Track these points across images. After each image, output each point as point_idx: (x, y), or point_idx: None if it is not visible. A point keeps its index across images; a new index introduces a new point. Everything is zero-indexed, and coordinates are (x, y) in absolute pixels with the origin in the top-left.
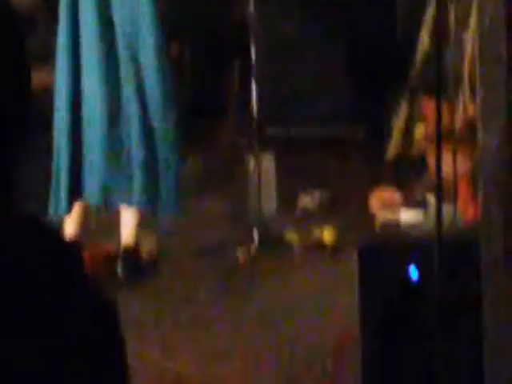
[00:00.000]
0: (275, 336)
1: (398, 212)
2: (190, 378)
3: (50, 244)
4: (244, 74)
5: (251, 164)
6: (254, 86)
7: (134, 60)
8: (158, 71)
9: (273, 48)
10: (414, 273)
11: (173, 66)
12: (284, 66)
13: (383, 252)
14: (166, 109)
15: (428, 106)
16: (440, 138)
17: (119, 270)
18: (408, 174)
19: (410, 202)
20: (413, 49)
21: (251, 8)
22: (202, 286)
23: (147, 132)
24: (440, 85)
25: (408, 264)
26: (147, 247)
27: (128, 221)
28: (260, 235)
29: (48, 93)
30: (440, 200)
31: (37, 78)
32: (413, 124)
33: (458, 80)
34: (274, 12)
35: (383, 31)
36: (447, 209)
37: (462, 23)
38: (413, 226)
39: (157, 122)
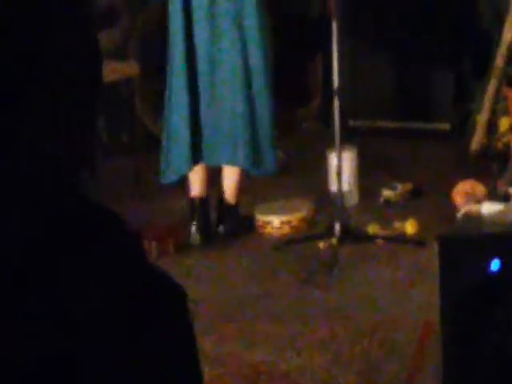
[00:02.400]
0: (356, 327)
1: (481, 205)
2: (269, 370)
3: (107, 225)
4: (327, 66)
5: (334, 156)
6: (336, 78)
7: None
8: (259, 32)
9: (356, 42)
10: (495, 265)
11: None
12: (366, 60)
13: (464, 243)
14: (264, 71)
15: None
16: None
17: (221, 227)
18: (492, 167)
19: (493, 195)
20: (497, 41)
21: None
22: (281, 276)
23: (248, 95)
24: None
25: (489, 256)
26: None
27: (230, 179)
28: (342, 227)
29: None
30: None
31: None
32: (497, 117)
33: None
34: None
35: (467, 24)
36: None
37: None
38: (495, 219)
39: (256, 84)
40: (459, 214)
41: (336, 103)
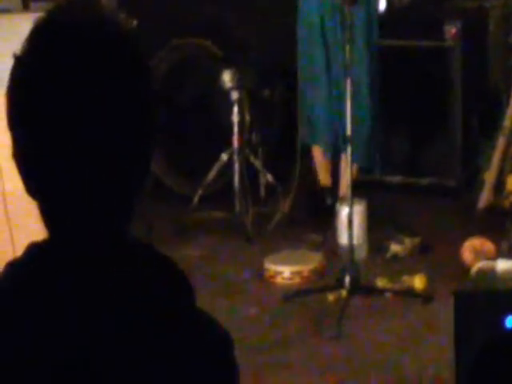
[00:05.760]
0: (364, 380)
1: (495, 261)
2: None
3: (163, 272)
4: None
5: (343, 210)
6: (349, 125)
7: None
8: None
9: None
10: (510, 321)
11: (265, 106)
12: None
13: (480, 299)
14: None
15: None
16: None
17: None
18: (499, 225)
19: (503, 252)
20: (506, 99)
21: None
22: (291, 327)
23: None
24: None
25: (505, 312)
26: None
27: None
28: (352, 279)
29: None
30: None
31: None
32: (505, 175)
33: None
34: None
35: (477, 83)
36: None
37: None
38: (510, 276)
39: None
40: (473, 270)
41: (349, 150)
